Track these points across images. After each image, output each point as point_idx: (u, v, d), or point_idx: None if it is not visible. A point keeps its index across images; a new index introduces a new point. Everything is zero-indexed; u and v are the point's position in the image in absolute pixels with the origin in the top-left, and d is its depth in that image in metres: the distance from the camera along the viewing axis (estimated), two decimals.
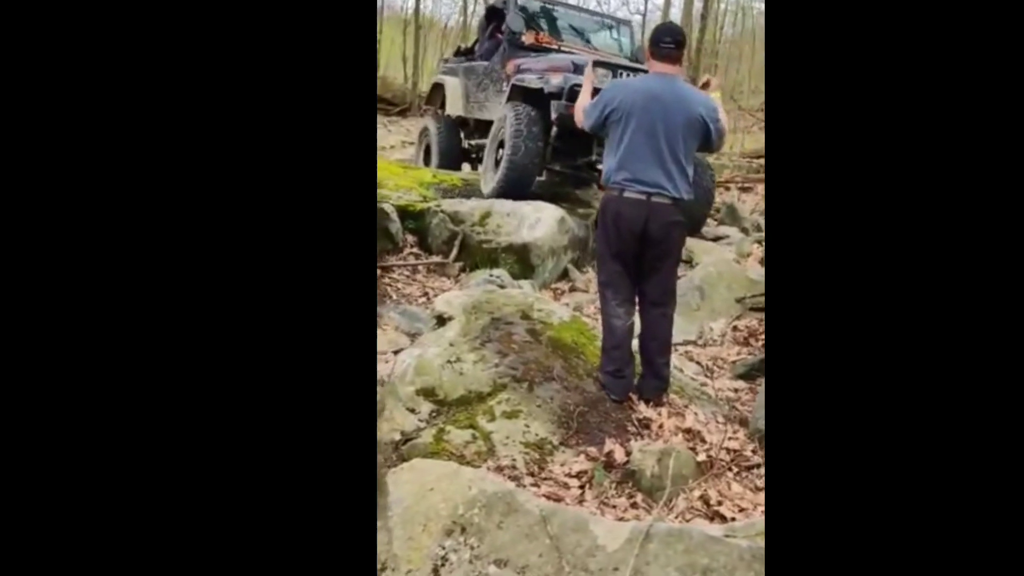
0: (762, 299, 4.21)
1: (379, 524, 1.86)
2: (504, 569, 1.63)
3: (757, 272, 4.94)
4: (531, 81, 5.35)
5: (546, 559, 1.62)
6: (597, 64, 5.19)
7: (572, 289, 4.76)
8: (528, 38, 6.16)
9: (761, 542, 1.53)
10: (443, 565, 1.67)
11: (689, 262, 5.07)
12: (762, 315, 4.09)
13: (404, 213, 4.86)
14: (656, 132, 2.49)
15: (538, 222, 4.64)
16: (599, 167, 5.58)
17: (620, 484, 2.12)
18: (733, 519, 1.95)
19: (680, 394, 2.86)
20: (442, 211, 4.84)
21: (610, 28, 7.21)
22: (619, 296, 2.69)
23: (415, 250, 4.79)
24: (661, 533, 1.58)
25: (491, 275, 4.07)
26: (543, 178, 5.56)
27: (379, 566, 1.75)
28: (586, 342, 3.08)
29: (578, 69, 5.17)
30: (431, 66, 22.31)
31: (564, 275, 4.87)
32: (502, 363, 2.72)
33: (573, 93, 4.88)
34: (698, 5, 15.95)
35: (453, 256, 4.59)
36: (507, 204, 4.86)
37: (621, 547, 1.58)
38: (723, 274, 4.45)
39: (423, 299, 4.16)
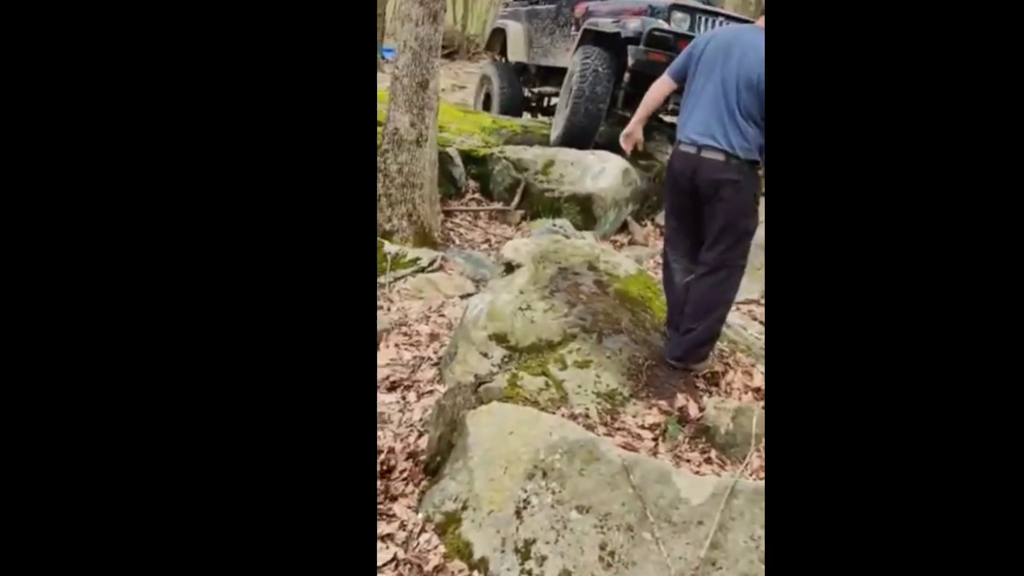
0: None
1: (459, 464, 1.91)
2: (587, 515, 1.66)
3: None
4: (606, 25, 5.10)
5: (628, 508, 1.65)
6: (675, 7, 4.99)
7: (631, 242, 4.73)
8: None
9: None
10: (525, 508, 1.72)
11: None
12: None
13: (467, 158, 4.84)
14: (719, 85, 2.36)
15: (602, 172, 4.58)
16: (670, 119, 5.44)
17: (694, 439, 2.13)
18: None
19: (747, 353, 2.84)
20: (505, 158, 4.80)
21: None
22: (676, 252, 2.64)
23: (477, 196, 4.78)
24: (747, 490, 1.60)
25: (554, 224, 4.05)
26: (605, 128, 5.39)
27: (460, 505, 1.80)
28: (652, 296, 3.07)
29: (655, 12, 4.96)
30: (480, 9, 21.82)
31: (624, 227, 4.83)
32: (571, 313, 2.73)
33: (652, 38, 4.70)
34: None
35: (515, 204, 4.57)
36: (571, 153, 4.79)
37: (706, 501, 1.60)
38: None
39: (484, 245, 4.18)
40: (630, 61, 4.76)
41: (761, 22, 2.41)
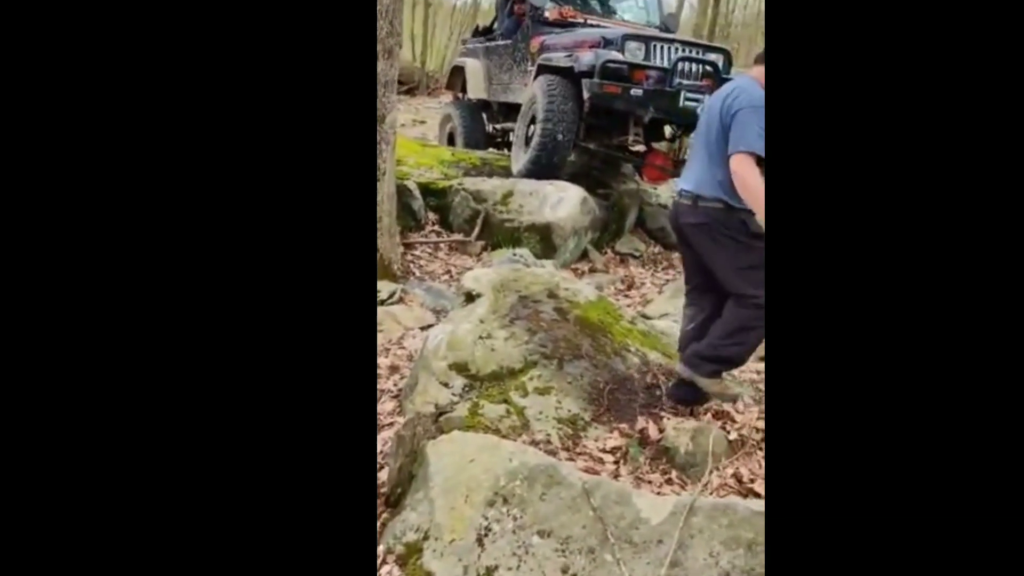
0: None
1: (420, 495, 1.89)
2: (548, 540, 1.66)
3: None
4: (559, 59, 5.19)
5: (589, 531, 1.65)
6: (628, 37, 5.08)
7: (592, 270, 4.78)
8: (552, 13, 5.96)
9: None
10: (486, 535, 1.71)
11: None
12: None
13: (426, 190, 4.87)
14: (701, 130, 2.41)
15: (560, 202, 4.63)
16: (636, 149, 5.50)
17: (654, 460, 2.15)
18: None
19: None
20: (464, 189, 4.84)
21: None
22: (688, 297, 2.61)
23: (437, 228, 4.80)
24: (705, 507, 1.61)
25: (514, 254, 4.08)
26: (573, 158, 5.44)
27: (421, 535, 1.78)
28: (612, 321, 3.10)
29: (608, 43, 5.03)
30: (439, 45, 22.15)
31: (584, 255, 4.88)
32: (532, 340, 2.74)
33: (606, 70, 4.75)
34: None
35: (475, 234, 4.60)
36: (530, 183, 4.85)
37: (665, 520, 1.61)
38: None
39: (445, 276, 4.18)
40: (586, 94, 4.82)
41: (755, 71, 2.33)
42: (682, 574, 1.50)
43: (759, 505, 1.61)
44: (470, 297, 3.08)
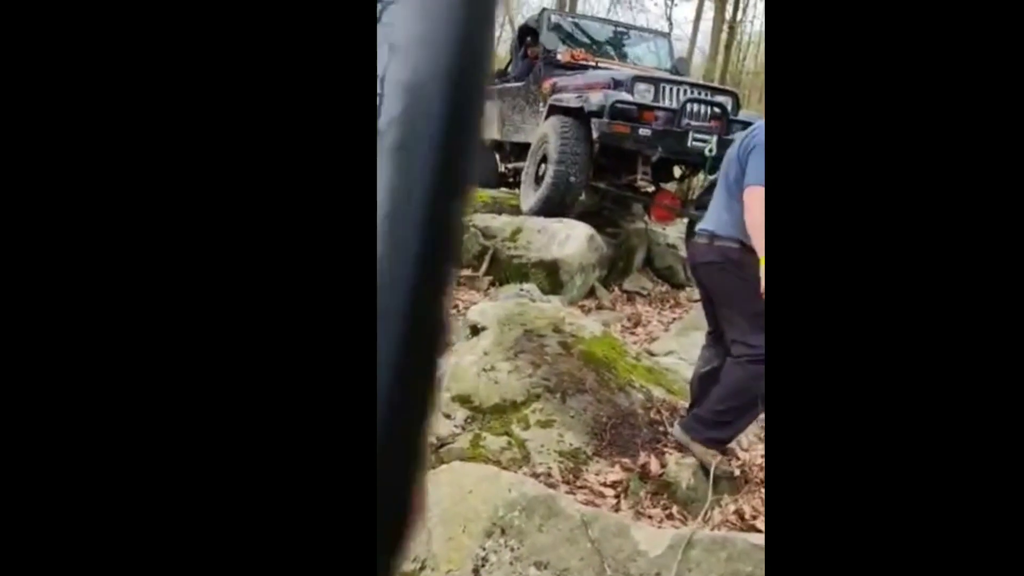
0: None
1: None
2: (545, 572, 1.64)
3: None
4: (570, 100, 5.28)
5: (587, 563, 1.63)
6: (638, 79, 5.18)
7: (599, 307, 4.79)
8: (564, 56, 6.09)
9: None
10: (483, 566, 1.69)
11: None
12: None
13: None
14: (721, 172, 2.39)
15: (568, 239, 4.68)
16: (645, 189, 5.56)
17: (655, 495, 2.13)
18: None
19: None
20: (474, 226, 4.89)
21: (647, 41, 7.12)
22: (707, 338, 2.57)
23: None
24: (704, 540, 1.59)
25: (521, 289, 4.10)
26: (583, 198, 5.48)
27: (418, 565, 1.77)
28: (617, 357, 3.10)
29: (618, 85, 5.12)
30: None
31: (591, 292, 4.90)
32: (535, 374, 2.75)
33: (615, 110, 4.83)
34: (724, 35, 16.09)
35: (483, 270, 4.63)
36: (538, 221, 4.90)
37: (663, 553, 1.59)
38: None
39: (453, 311, 4.21)
40: (595, 134, 4.90)
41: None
42: None
43: (758, 539, 1.60)
44: (475, 330, 3.10)
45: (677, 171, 5.75)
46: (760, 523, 2.00)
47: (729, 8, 17.55)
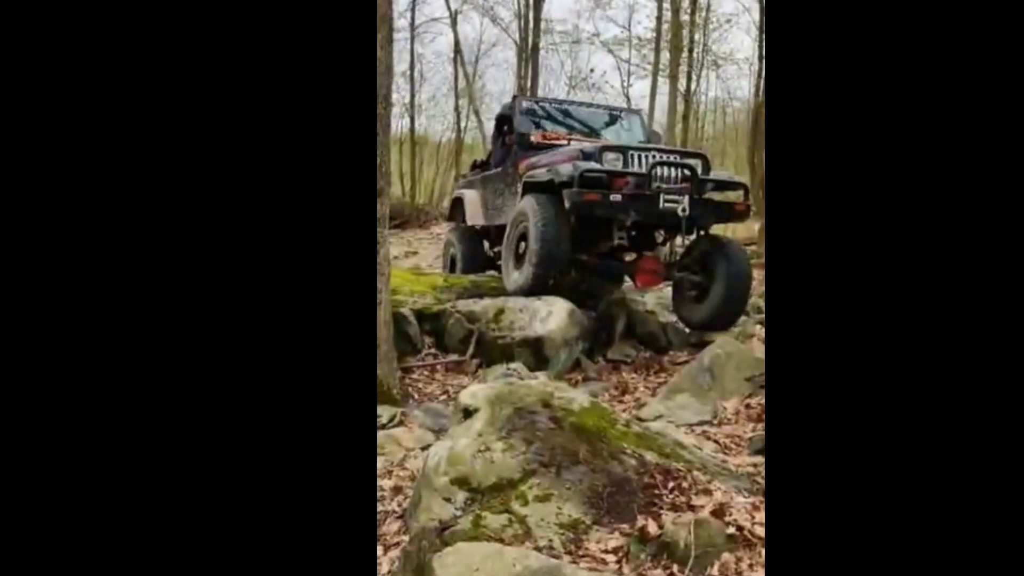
0: None
1: None
2: None
3: (762, 352, 5.09)
4: (540, 175, 5.49)
5: None
6: (606, 148, 5.41)
7: (585, 378, 4.89)
8: (536, 136, 6.37)
9: None
10: None
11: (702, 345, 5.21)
12: None
13: (421, 315, 5.06)
14: None
15: (549, 315, 4.83)
16: (626, 256, 5.69)
17: (656, 557, 2.19)
18: None
19: (703, 471, 2.95)
20: (458, 311, 5.04)
21: (619, 120, 7.35)
22: None
23: (433, 350, 4.95)
24: None
25: (508, 368, 4.21)
26: (573, 275, 5.58)
27: None
28: (607, 426, 3.19)
29: (587, 156, 5.33)
30: (427, 179, 23.27)
31: (577, 365, 5.01)
32: (529, 450, 2.83)
33: (584, 179, 5.01)
34: (680, 107, 16.87)
35: (470, 353, 4.75)
36: (519, 300, 5.05)
37: None
38: (731, 355, 4.60)
39: (443, 396, 4.29)
40: (567, 204, 5.07)
41: None
42: None
43: None
44: (467, 413, 3.18)
45: (659, 237, 5.92)
46: (757, 573, 2.07)
47: (683, 80, 18.44)
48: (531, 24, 20.90)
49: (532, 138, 6.39)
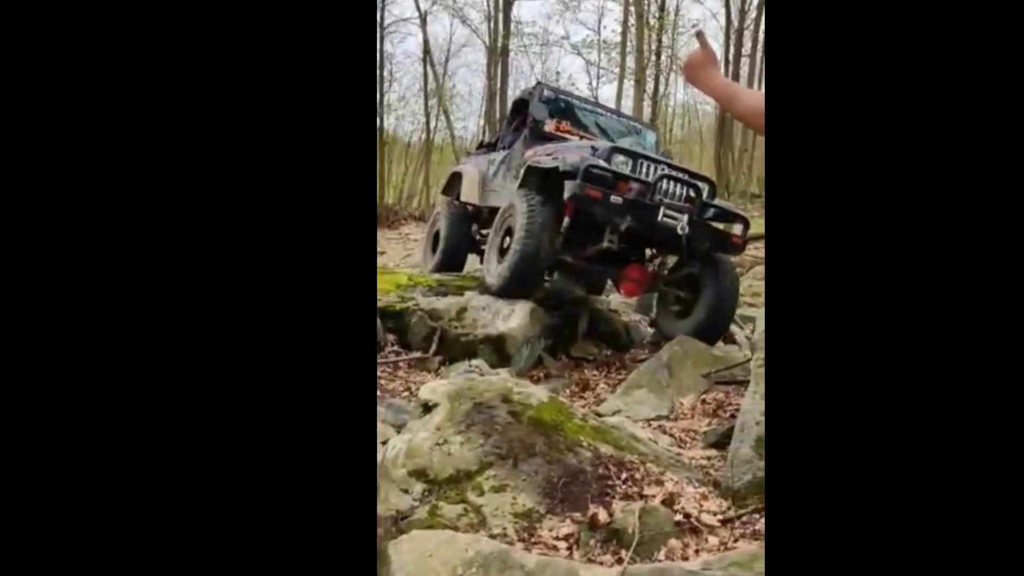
0: (727, 373, 4.47)
1: None
2: None
3: (721, 349, 5.22)
4: (546, 161, 5.33)
5: None
6: (616, 150, 5.28)
7: (547, 376, 4.97)
8: (550, 126, 6.23)
9: (735, 572, 1.70)
10: None
11: (658, 344, 5.32)
12: (728, 388, 4.33)
13: (384, 313, 5.09)
14: None
15: (511, 314, 4.89)
16: (612, 254, 5.44)
17: (605, 543, 2.27)
18: None
19: (656, 463, 3.04)
20: (420, 309, 5.07)
21: (636, 132, 7.19)
22: None
23: (396, 348, 4.98)
24: (644, 572, 1.75)
25: (470, 365, 4.27)
26: (555, 278, 5.48)
27: None
28: (564, 420, 3.27)
29: (597, 153, 5.21)
30: (396, 180, 23.24)
31: (539, 363, 5.08)
32: (487, 443, 2.89)
33: (589, 174, 4.89)
34: (647, 110, 17.07)
35: (432, 350, 4.79)
36: (482, 299, 5.10)
37: None
38: (688, 352, 4.71)
39: (406, 393, 4.33)
40: (567, 194, 4.94)
41: None
42: None
43: (695, 565, 1.76)
44: (427, 408, 3.23)
45: (648, 253, 5.82)
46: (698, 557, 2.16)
47: (651, 84, 18.70)
48: (500, 26, 21.02)
49: (546, 127, 6.22)
